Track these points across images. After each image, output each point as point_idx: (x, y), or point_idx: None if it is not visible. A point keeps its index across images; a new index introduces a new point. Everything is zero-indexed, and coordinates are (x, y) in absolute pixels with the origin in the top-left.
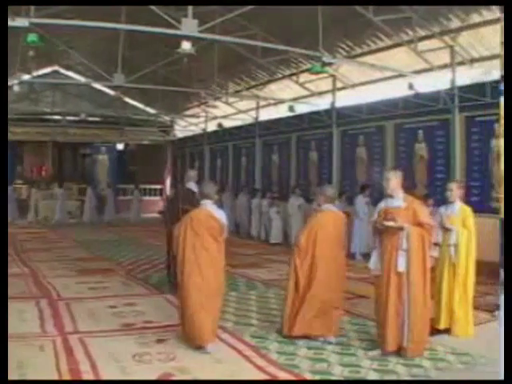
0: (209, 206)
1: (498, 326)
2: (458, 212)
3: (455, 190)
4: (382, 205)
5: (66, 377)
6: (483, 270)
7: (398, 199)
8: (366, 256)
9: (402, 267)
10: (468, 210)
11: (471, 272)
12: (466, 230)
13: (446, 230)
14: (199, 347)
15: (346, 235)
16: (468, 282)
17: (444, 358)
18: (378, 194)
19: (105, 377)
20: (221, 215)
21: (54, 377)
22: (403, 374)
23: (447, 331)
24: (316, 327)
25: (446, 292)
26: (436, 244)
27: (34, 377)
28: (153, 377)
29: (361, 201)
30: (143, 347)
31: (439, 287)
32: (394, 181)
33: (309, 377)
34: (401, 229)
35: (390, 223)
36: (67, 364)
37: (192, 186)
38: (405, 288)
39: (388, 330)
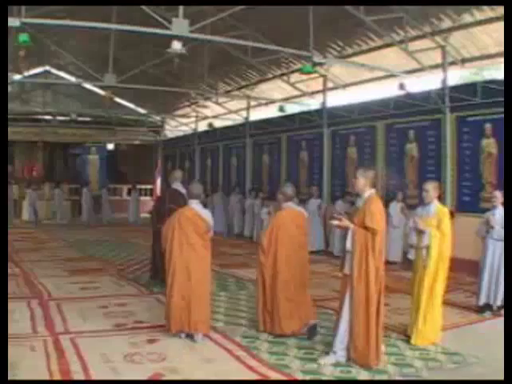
0: (196, 206)
1: (487, 326)
2: (434, 213)
3: (431, 191)
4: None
5: (57, 377)
6: (473, 269)
7: (362, 199)
8: None
9: (346, 269)
10: (444, 211)
11: (441, 276)
12: (440, 232)
13: (420, 232)
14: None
15: (308, 233)
16: (437, 285)
17: (435, 358)
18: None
19: (96, 377)
20: (207, 215)
21: (45, 377)
22: (394, 373)
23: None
24: (294, 324)
25: (414, 296)
26: (411, 246)
27: (25, 377)
28: (144, 377)
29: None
30: (134, 347)
31: (411, 291)
32: (361, 180)
33: (300, 377)
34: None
35: (335, 222)
36: (58, 364)
37: (178, 186)
38: (348, 291)
39: (336, 333)
